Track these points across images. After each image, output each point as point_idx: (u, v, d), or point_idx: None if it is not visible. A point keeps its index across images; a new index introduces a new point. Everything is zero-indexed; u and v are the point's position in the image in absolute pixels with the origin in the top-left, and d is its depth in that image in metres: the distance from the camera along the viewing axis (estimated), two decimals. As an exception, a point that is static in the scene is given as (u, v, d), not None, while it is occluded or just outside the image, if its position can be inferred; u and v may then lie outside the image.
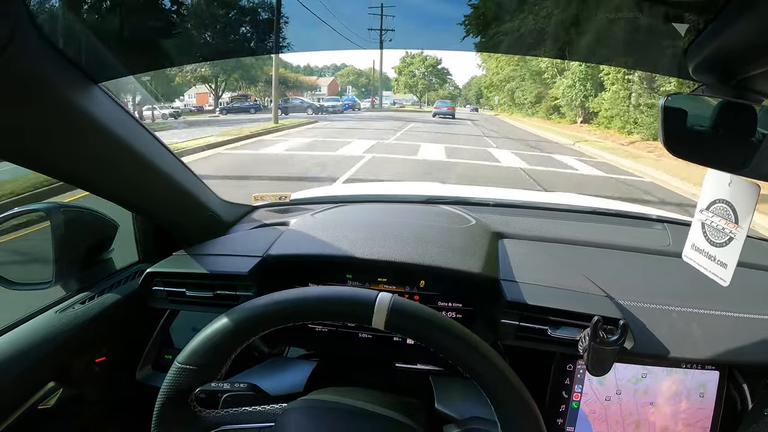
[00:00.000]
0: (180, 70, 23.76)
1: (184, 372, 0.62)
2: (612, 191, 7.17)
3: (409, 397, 0.86)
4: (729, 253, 0.66)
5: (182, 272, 0.98)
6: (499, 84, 39.21)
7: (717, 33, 0.56)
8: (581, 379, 0.92)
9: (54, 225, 0.94)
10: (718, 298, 0.91)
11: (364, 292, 0.61)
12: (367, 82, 60.47)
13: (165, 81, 23.70)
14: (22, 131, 0.63)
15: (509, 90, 35.49)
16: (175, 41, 0.82)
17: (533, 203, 1.42)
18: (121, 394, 1.08)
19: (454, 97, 62.42)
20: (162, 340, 1.14)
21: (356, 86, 62.24)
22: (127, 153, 0.79)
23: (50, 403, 0.91)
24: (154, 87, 19.68)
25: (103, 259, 1.10)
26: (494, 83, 41.22)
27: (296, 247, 1.04)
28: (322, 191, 1.69)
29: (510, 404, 0.60)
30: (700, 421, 0.91)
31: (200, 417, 0.69)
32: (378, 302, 0.59)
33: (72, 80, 0.64)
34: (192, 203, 1.05)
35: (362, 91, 62.40)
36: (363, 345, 1.05)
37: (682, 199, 6.85)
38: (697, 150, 0.64)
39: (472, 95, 71.87)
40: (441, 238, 1.05)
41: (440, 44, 1.01)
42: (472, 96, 72.39)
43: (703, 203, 0.71)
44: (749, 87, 0.61)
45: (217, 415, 0.71)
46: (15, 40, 0.51)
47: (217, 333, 0.62)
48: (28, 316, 0.90)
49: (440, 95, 56.73)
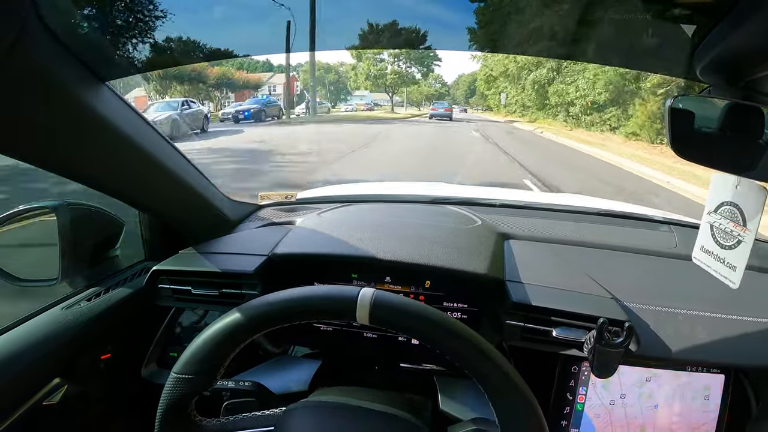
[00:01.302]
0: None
1: (181, 382, 0.62)
2: None
3: (414, 396, 0.86)
4: (738, 256, 0.66)
5: (188, 270, 0.98)
6: (512, 75, 27.02)
7: (724, 34, 0.55)
8: (586, 381, 0.92)
9: (61, 222, 0.95)
10: (724, 301, 0.90)
11: (347, 289, 0.61)
12: (336, 78, 48.27)
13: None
14: (31, 128, 0.63)
15: (535, 83, 22.91)
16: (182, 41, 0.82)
17: (539, 204, 1.42)
18: (126, 391, 1.09)
19: (442, 96, 53.42)
20: (167, 338, 1.14)
21: (323, 84, 48.65)
22: (134, 151, 0.79)
23: (55, 399, 0.91)
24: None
25: (110, 256, 1.11)
26: (501, 75, 29.32)
27: (302, 246, 1.04)
28: (328, 191, 1.69)
29: (508, 398, 0.59)
30: (705, 423, 0.91)
31: (201, 426, 0.69)
32: (360, 297, 0.59)
33: (80, 78, 0.64)
34: (199, 202, 1.06)
35: (331, 90, 49.12)
36: (368, 344, 1.05)
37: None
38: (704, 152, 0.64)
39: (461, 95, 66.83)
40: (447, 238, 1.05)
41: (441, 44, 0.96)
42: (460, 96, 66.80)
43: (711, 205, 0.71)
44: (756, 89, 0.61)
45: (218, 423, 0.71)
46: (24, 37, 0.52)
47: (210, 340, 0.62)
48: (35, 312, 0.91)
49: (423, 93, 46.05)
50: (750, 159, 0.60)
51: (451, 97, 65.68)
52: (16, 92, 0.57)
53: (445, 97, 54.41)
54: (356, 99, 49.86)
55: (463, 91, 65.51)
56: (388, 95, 42.03)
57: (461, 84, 67.96)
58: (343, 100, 46.54)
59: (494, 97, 33.40)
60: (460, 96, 65.54)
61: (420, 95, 46.43)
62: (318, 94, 40.21)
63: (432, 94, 48.03)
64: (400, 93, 43.22)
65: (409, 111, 38.56)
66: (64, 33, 0.59)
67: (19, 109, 0.59)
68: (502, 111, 31.63)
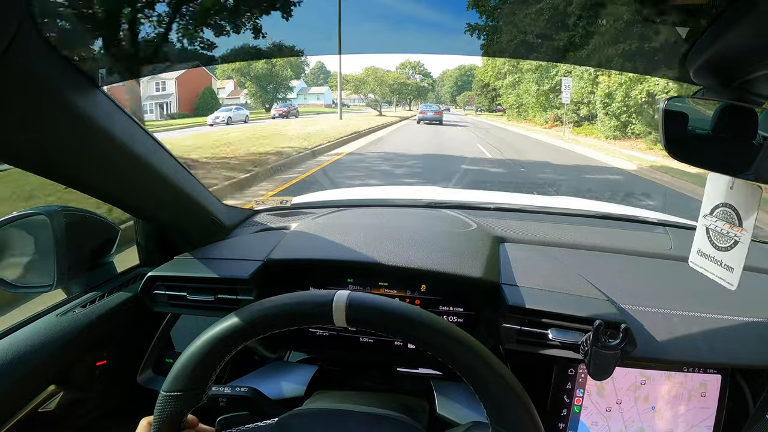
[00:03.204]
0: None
1: (171, 399, 0.62)
2: None
3: (411, 398, 0.85)
4: (735, 257, 0.66)
5: (183, 276, 0.98)
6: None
7: (718, 36, 0.56)
8: (583, 384, 0.92)
9: (55, 228, 0.94)
10: (719, 301, 0.91)
11: (322, 293, 0.61)
12: (270, 69, 34.24)
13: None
14: (24, 134, 0.63)
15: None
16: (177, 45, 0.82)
17: (534, 207, 1.42)
18: (122, 398, 1.08)
19: (423, 91, 44.89)
20: (163, 344, 1.14)
21: (249, 77, 35.69)
22: (129, 157, 0.79)
23: (51, 406, 0.90)
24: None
25: (105, 262, 1.10)
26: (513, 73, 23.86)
27: (297, 251, 1.04)
28: (323, 195, 1.69)
29: (497, 391, 0.58)
30: (703, 421, 0.91)
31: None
32: (335, 300, 0.59)
33: (74, 83, 0.64)
34: (194, 207, 1.05)
35: (269, 89, 34.94)
36: (364, 349, 1.05)
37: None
38: (699, 153, 0.64)
39: (446, 92, 61.06)
40: (442, 242, 1.05)
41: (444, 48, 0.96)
42: (446, 93, 61.05)
43: (707, 208, 0.71)
44: (750, 90, 0.61)
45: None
46: (17, 41, 0.51)
47: (195, 356, 0.62)
48: (29, 319, 0.90)
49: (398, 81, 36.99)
50: (744, 160, 0.60)
51: (435, 95, 61.51)
52: (10, 97, 0.57)
53: (428, 92, 49.65)
54: (311, 98, 43.60)
55: (449, 87, 61.02)
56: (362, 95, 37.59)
57: (446, 80, 62.96)
58: (281, 100, 35.67)
59: (510, 92, 26.19)
60: (446, 93, 61.27)
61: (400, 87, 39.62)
62: (247, 93, 34.22)
63: (413, 89, 42.39)
64: (371, 89, 37.80)
65: (397, 113, 32.84)
66: (59, 38, 0.59)
67: (12, 114, 0.59)
68: (514, 115, 25.37)
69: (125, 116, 0.77)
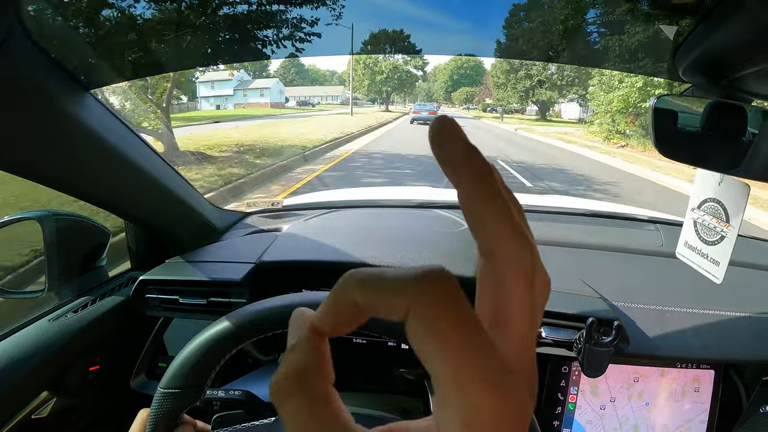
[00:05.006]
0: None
1: (168, 397, 0.62)
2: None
3: (405, 399, 0.85)
4: (721, 251, 0.67)
5: (175, 279, 0.97)
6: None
7: (707, 34, 0.56)
8: (576, 381, 0.92)
9: (46, 233, 0.93)
10: (711, 297, 0.91)
11: (312, 295, 0.62)
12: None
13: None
14: (12, 138, 0.62)
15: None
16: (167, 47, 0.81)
17: (525, 206, 1.42)
18: (116, 403, 1.07)
19: (408, 82, 42.76)
20: (156, 348, 1.13)
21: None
22: (119, 161, 0.78)
23: (44, 412, 0.89)
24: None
25: (96, 267, 1.09)
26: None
27: (289, 253, 1.04)
28: (314, 197, 1.68)
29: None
30: (698, 415, 0.92)
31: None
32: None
33: (63, 87, 0.64)
34: (184, 210, 1.05)
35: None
36: (357, 350, 1.05)
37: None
38: (688, 150, 0.65)
39: (439, 87, 58.50)
40: (434, 242, 1.05)
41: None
42: (439, 89, 58.46)
43: (695, 202, 0.72)
44: (739, 87, 0.62)
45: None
46: (6, 44, 0.51)
47: (194, 353, 0.62)
48: (21, 324, 0.89)
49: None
50: (733, 156, 0.60)
51: (425, 92, 60.70)
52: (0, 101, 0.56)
53: (417, 84, 46.67)
54: (253, 94, 36.70)
55: (442, 83, 58.67)
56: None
57: (439, 74, 60.45)
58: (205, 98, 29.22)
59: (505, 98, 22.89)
60: (439, 89, 58.99)
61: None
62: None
63: (400, 79, 38.50)
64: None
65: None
66: (48, 42, 0.59)
67: (1, 118, 0.58)
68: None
69: (115, 120, 0.76)
